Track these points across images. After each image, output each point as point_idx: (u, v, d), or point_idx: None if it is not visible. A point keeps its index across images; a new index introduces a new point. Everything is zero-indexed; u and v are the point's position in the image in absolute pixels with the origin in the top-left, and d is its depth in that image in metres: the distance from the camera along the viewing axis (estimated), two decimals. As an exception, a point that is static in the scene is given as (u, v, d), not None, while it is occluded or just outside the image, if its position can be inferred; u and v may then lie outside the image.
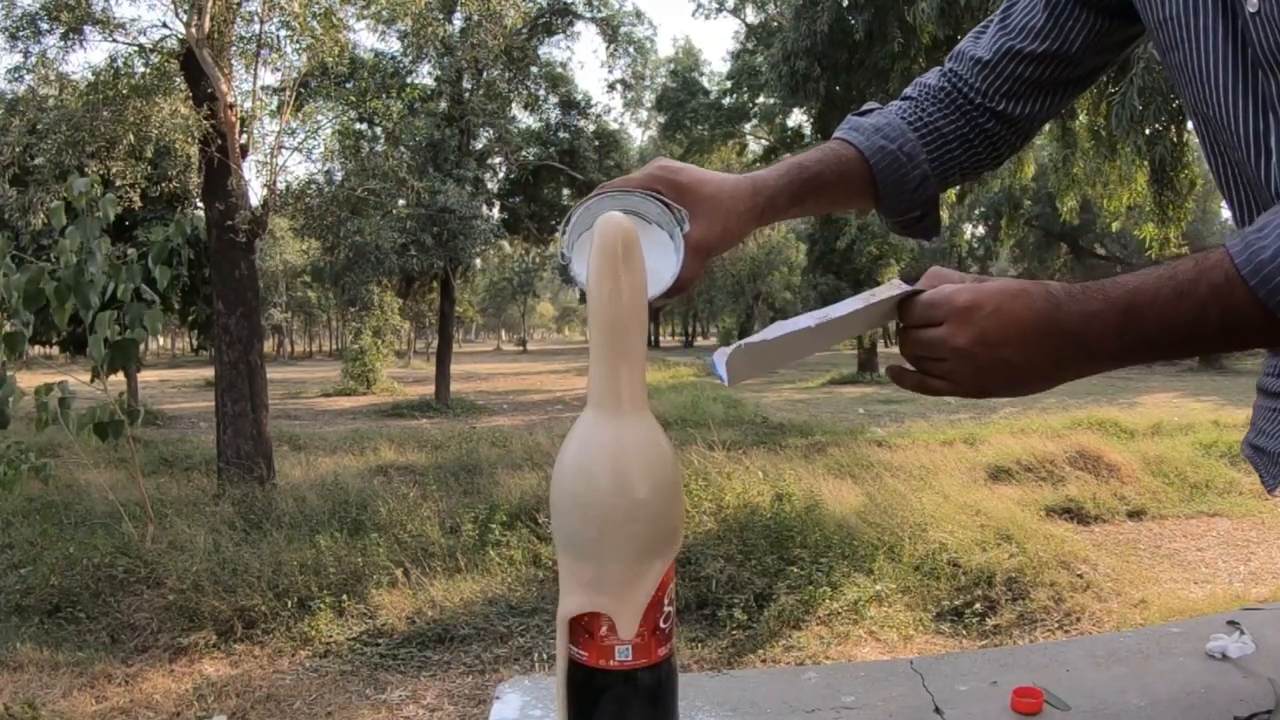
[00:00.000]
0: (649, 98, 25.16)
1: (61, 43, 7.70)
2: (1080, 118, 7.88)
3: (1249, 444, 0.89)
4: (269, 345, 35.73)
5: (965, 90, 0.92)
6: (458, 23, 12.38)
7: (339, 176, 8.93)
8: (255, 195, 7.95)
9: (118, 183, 7.37)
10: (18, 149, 7.54)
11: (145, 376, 22.09)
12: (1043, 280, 0.66)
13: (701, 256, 0.81)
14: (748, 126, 25.97)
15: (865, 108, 0.96)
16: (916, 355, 0.69)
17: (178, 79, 7.46)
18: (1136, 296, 0.62)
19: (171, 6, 7.30)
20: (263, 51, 7.67)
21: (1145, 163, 6.76)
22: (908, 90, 0.97)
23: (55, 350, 16.60)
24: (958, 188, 9.37)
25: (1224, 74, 0.71)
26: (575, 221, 0.78)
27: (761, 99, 22.81)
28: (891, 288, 0.69)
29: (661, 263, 0.78)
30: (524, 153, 16.81)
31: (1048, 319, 0.63)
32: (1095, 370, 0.66)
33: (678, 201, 0.80)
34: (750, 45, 22.65)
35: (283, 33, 7.69)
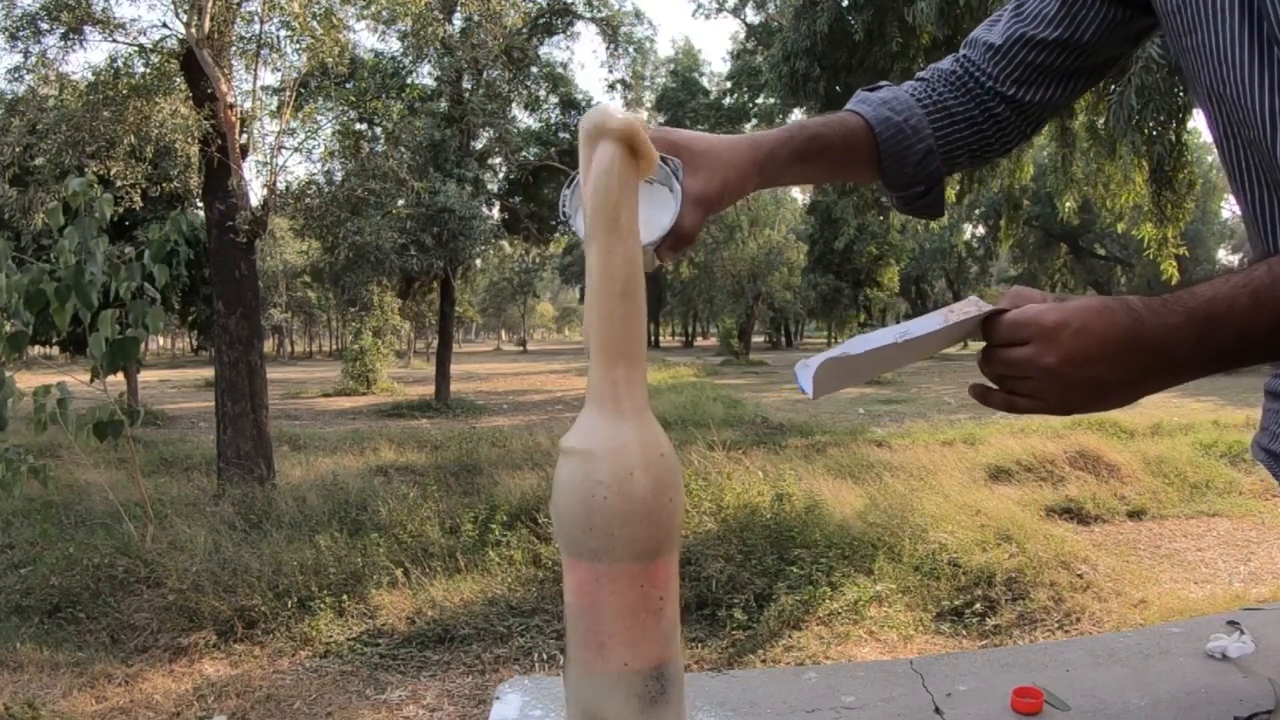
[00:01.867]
0: (649, 98, 25.16)
1: (61, 43, 7.69)
2: (1079, 117, 7.88)
3: (1261, 448, 0.90)
4: (269, 345, 35.74)
5: (976, 74, 0.93)
6: (458, 23, 12.38)
7: (339, 176, 8.93)
8: (255, 195, 7.95)
9: (118, 183, 7.37)
10: (18, 149, 7.54)
11: (145, 376, 22.10)
12: (1123, 295, 0.67)
13: (702, 209, 0.80)
14: (748, 127, 25.96)
15: (876, 85, 0.97)
16: (1001, 375, 0.69)
17: (178, 79, 7.46)
18: (1213, 306, 0.62)
19: (171, 6, 7.30)
20: (263, 51, 7.67)
21: (1144, 163, 6.76)
22: (921, 73, 0.98)
23: (55, 350, 16.60)
24: (957, 188, 9.37)
25: (1240, 51, 0.71)
26: (576, 183, 0.78)
27: (761, 99, 22.80)
28: (969, 304, 0.69)
29: (659, 214, 0.78)
30: (524, 153, 16.81)
31: (1131, 335, 0.63)
32: (1178, 382, 0.66)
33: (673, 156, 0.79)
34: (750, 45, 22.66)
35: (283, 33, 7.70)
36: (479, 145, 16.31)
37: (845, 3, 8.49)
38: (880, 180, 0.94)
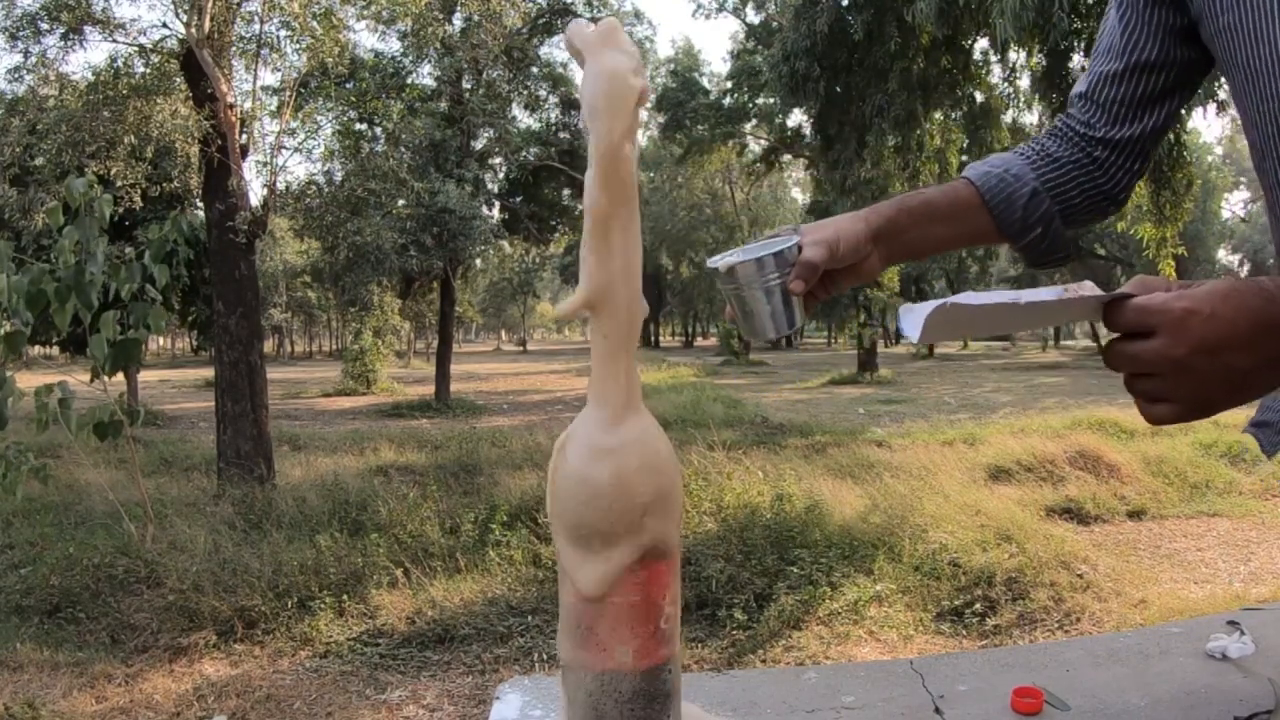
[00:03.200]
0: (649, 98, 25.13)
1: (61, 43, 7.69)
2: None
3: (1251, 423, 0.91)
4: (269, 345, 35.74)
5: (1074, 125, 0.97)
6: (458, 23, 12.38)
7: (339, 176, 8.93)
8: (255, 195, 7.95)
9: (118, 183, 7.37)
10: (18, 149, 7.54)
11: (145, 376, 22.10)
12: (1254, 277, 0.64)
13: (822, 246, 0.85)
14: (748, 126, 25.97)
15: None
16: (1131, 375, 0.65)
17: (178, 79, 7.46)
18: None
19: (171, 6, 7.30)
20: (263, 51, 7.67)
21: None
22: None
23: (55, 350, 16.60)
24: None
25: (1275, 27, 0.73)
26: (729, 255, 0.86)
27: (761, 99, 22.80)
28: (1084, 287, 0.66)
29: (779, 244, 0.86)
30: (524, 153, 16.80)
31: (1265, 317, 0.60)
32: None
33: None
34: (750, 45, 22.65)
35: (283, 33, 7.69)
36: (479, 145, 16.31)
37: (845, 3, 8.50)
38: (999, 233, 0.96)
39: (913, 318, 0.67)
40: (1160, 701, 0.96)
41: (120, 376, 5.88)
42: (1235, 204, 38.01)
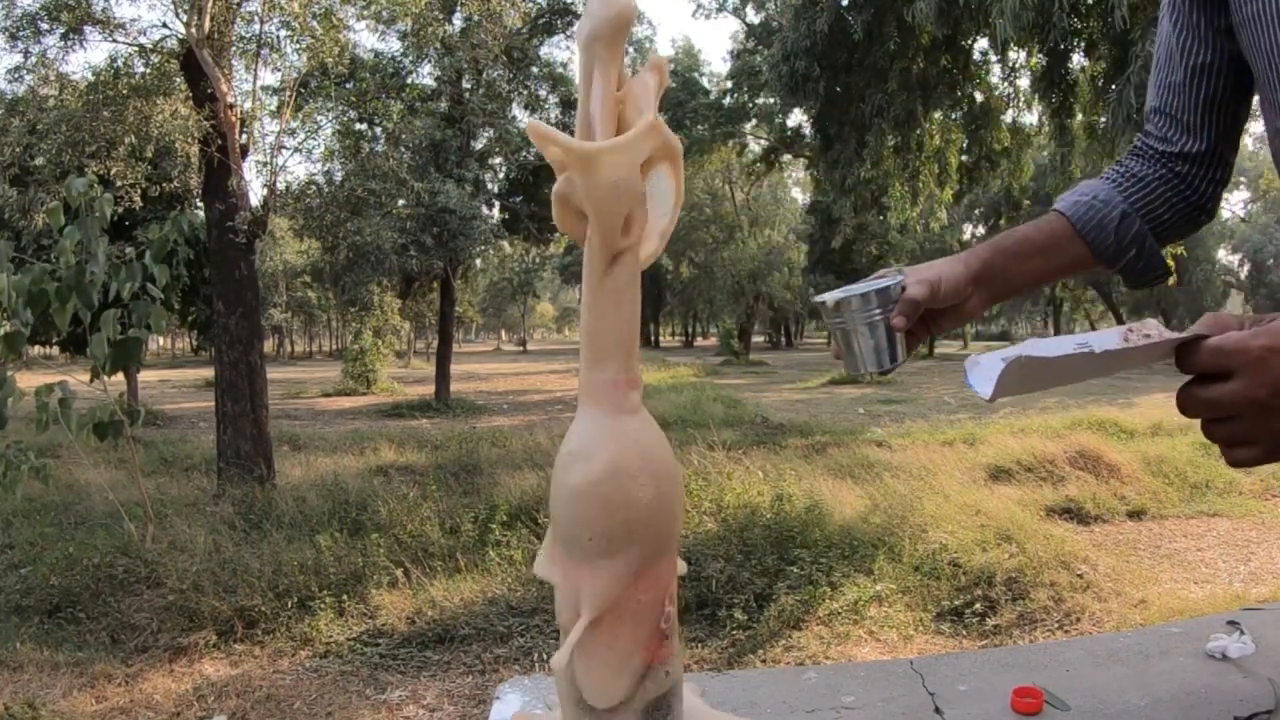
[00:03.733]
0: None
1: (61, 43, 7.68)
2: (1078, 117, 7.88)
3: None
4: (269, 345, 35.73)
5: (1152, 142, 0.99)
6: (458, 23, 12.37)
7: (339, 176, 8.93)
8: (255, 195, 7.95)
9: (118, 183, 7.37)
10: (18, 149, 7.53)
11: (145, 376, 22.10)
12: None
13: (925, 285, 0.88)
14: (748, 126, 25.97)
15: None
16: (1209, 420, 0.62)
17: (178, 79, 7.46)
18: None
19: (171, 6, 7.30)
20: (263, 51, 7.66)
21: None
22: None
23: (55, 350, 16.59)
24: (954, 188, 9.37)
25: None
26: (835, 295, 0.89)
27: (761, 99, 22.80)
28: (1148, 326, 0.64)
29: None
30: (524, 153, 16.79)
31: None
32: None
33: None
34: (750, 45, 22.65)
35: (283, 33, 7.69)
36: (479, 145, 16.30)
37: (845, 2, 8.49)
38: (1095, 258, 0.98)
39: (982, 372, 0.64)
40: (1160, 701, 0.96)
41: (120, 376, 5.88)
42: (1235, 204, 38.00)
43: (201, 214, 8.07)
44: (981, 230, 31.16)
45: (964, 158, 9.39)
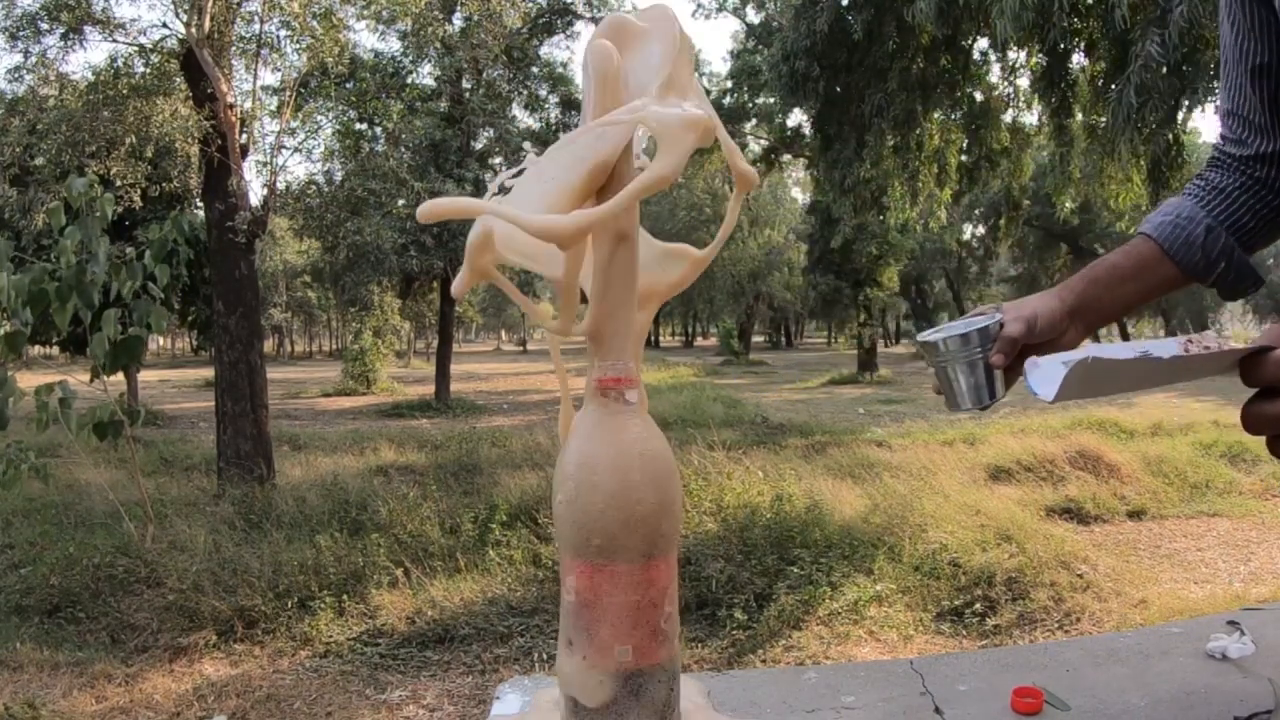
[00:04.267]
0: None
1: (61, 43, 7.68)
2: (1078, 117, 7.87)
3: None
4: (269, 345, 35.74)
5: (1229, 149, 0.99)
6: (458, 23, 12.37)
7: (339, 176, 8.93)
8: (255, 195, 7.94)
9: (118, 183, 7.37)
10: (18, 149, 7.53)
11: (145, 376, 22.10)
12: None
13: (1021, 322, 0.89)
14: (748, 126, 25.94)
15: None
16: (1276, 437, 0.60)
17: (178, 79, 7.45)
18: None
19: (171, 6, 7.30)
20: (263, 51, 7.66)
21: (1142, 162, 6.76)
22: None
23: (55, 350, 16.59)
24: (954, 188, 9.36)
25: None
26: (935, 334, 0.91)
27: (761, 99, 22.79)
28: (1208, 338, 0.63)
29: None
30: (524, 153, 16.79)
31: None
32: None
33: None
34: (750, 45, 22.64)
35: (283, 33, 7.69)
36: (479, 145, 16.30)
37: (845, 2, 8.49)
38: (1186, 274, 0.98)
39: (1042, 374, 0.64)
40: (1160, 701, 0.96)
41: (120, 376, 5.88)
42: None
43: (201, 214, 8.08)
44: (981, 230, 31.17)
45: (964, 158, 9.39)
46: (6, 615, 4.69)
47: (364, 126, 10.13)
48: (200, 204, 8.58)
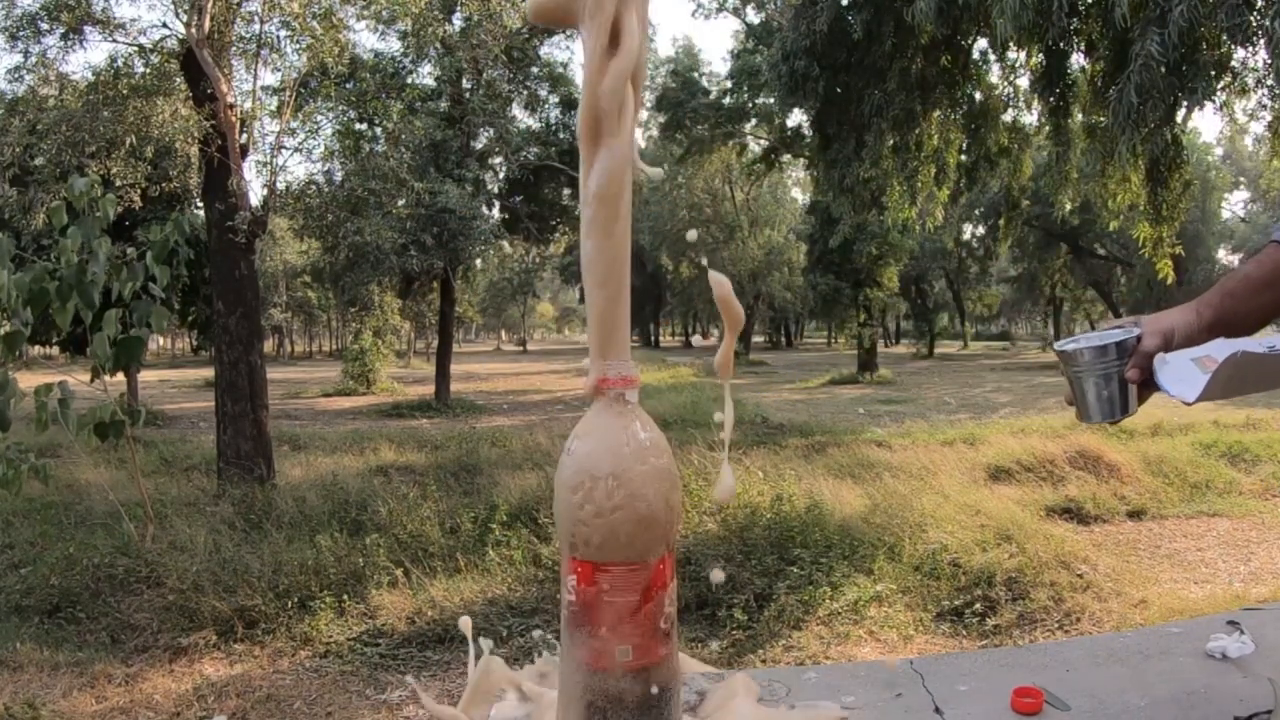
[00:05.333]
0: (649, 98, 25.11)
1: (61, 43, 7.68)
2: (1077, 116, 7.87)
3: None
4: (269, 345, 35.72)
5: None
6: (458, 23, 12.36)
7: (339, 176, 8.92)
8: (255, 195, 7.94)
9: (118, 183, 7.36)
10: (18, 149, 7.53)
11: (145, 376, 22.09)
12: None
13: (1158, 335, 0.88)
14: (748, 126, 25.93)
15: None
16: None
17: (178, 79, 7.45)
18: None
19: (171, 6, 7.30)
20: (263, 51, 7.66)
21: (1140, 162, 6.76)
22: None
23: (55, 350, 16.59)
24: (951, 188, 9.35)
25: None
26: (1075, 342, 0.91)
27: (761, 99, 22.78)
28: None
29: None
30: (524, 153, 16.80)
31: None
32: None
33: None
34: (750, 45, 22.63)
35: (283, 33, 7.69)
36: (479, 145, 16.30)
37: (845, 2, 8.48)
38: None
39: (1176, 372, 0.62)
40: (1160, 701, 0.96)
41: (120, 376, 5.88)
42: (1235, 204, 38.02)
43: (201, 214, 8.07)
44: (981, 230, 31.14)
45: (963, 158, 9.38)
46: (6, 615, 4.69)
47: (364, 126, 10.13)
48: (200, 204, 8.58)
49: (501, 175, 17.96)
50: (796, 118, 20.69)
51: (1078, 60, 7.61)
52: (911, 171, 8.99)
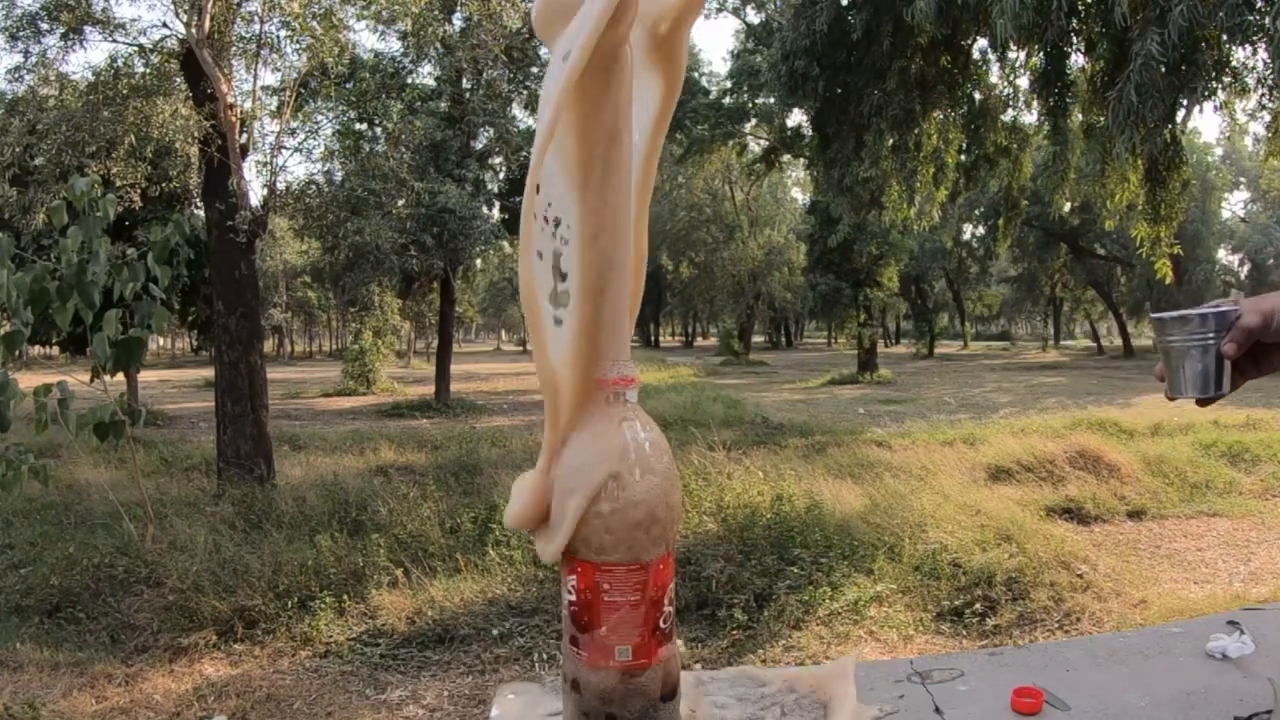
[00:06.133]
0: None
1: (61, 43, 7.68)
2: (1076, 116, 7.86)
3: None
4: (269, 345, 35.71)
5: None
6: (458, 23, 12.37)
7: (339, 176, 8.93)
8: (255, 195, 7.94)
9: (118, 183, 7.37)
10: (18, 149, 7.53)
11: (145, 376, 22.09)
12: None
13: (1258, 314, 0.87)
14: (748, 126, 25.94)
15: None
16: None
17: (178, 79, 7.46)
18: None
19: (171, 6, 7.30)
20: (263, 51, 7.66)
21: (1139, 161, 6.76)
22: None
23: (55, 350, 16.59)
24: (950, 188, 9.35)
25: None
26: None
27: (761, 99, 22.79)
28: None
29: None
30: (524, 152, 16.78)
31: None
32: None
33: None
34: (750, 45, 22.64)
35: (283, 33, 7.69)
36: (479, 145, 16.30)
37: (844, 2, 8.48)
38: None
39: None
40: (1160, 701, 0.96)
41: (120, 376, 5.88)
42: (1235, 204, 38.01)
43: (201, 214, 8.08)
44: (981, 230, 31.14)
45: (962, 158, 9.37)
46: (6, 615, 4.69)
47: (364, 126, 10.13)
48: (200, 204, 8.58)
49: (501, 175, 17.96)
50: (796, 118, 20.71)
51: (1077, 60, 7.61)
52: (910, 171, 8.99)
